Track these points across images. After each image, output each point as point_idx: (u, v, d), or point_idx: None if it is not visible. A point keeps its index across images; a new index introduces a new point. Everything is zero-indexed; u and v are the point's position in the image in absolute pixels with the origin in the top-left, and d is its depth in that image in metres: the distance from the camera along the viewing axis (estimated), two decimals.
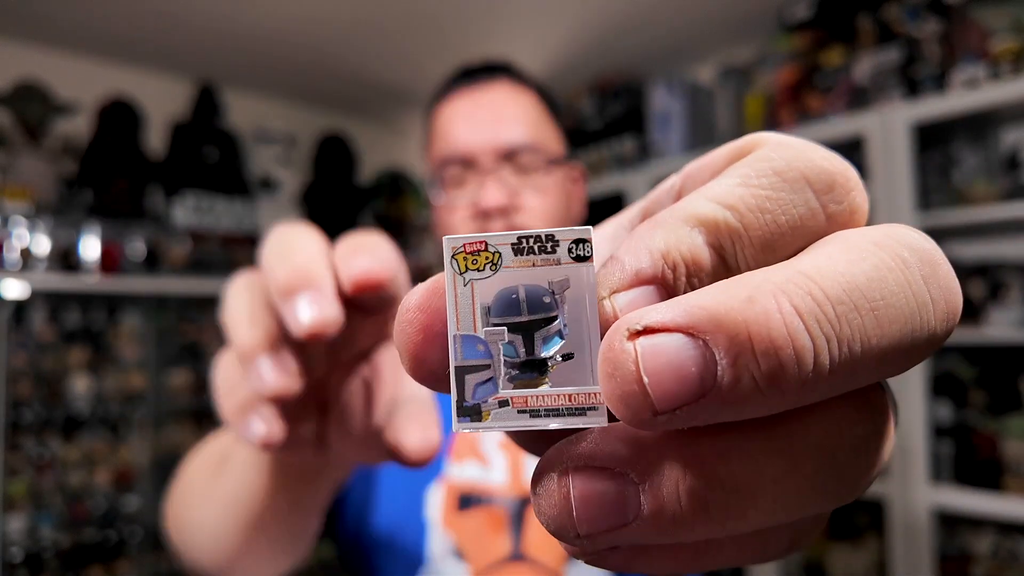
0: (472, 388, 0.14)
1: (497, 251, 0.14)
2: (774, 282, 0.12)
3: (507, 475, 0.62)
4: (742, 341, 0.11)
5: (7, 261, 1.96)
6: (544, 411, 0.14)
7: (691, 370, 0.12)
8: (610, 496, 0.13)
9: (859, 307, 0.12)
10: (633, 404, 0.12)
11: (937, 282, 0.13)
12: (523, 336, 0.14)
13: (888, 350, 0.12)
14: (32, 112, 2.18)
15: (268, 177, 2.75)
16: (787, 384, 0.12)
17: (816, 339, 0.12)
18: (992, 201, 1.50)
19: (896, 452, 1.51)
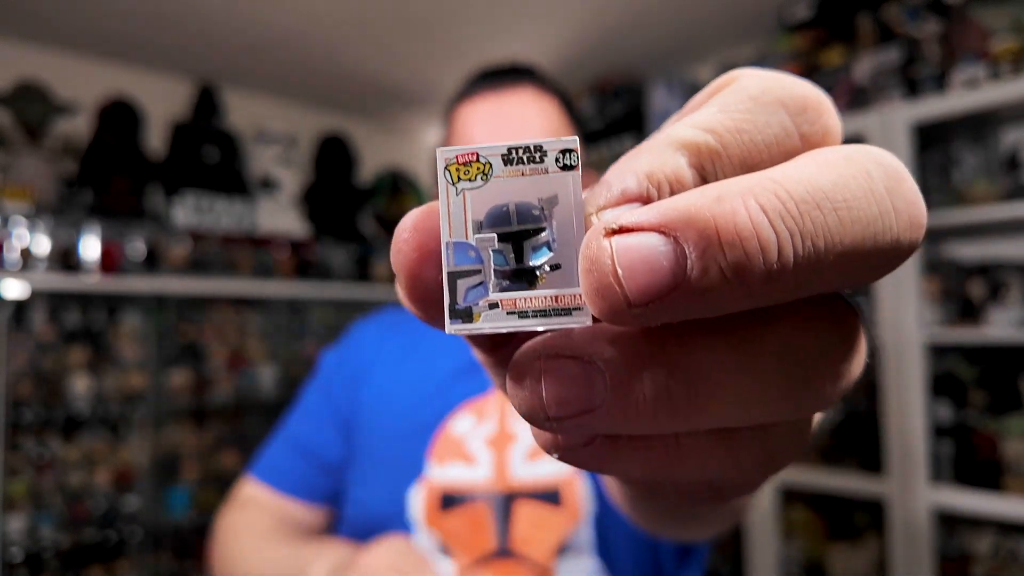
0: (464, 292, 0.15)
1: (488, 161, 0.15)
2: (743, 185, 0.13)
3: (491, 471, 0.62)
4: (710, 235, 0.12)
5: (7, 261, 1.96)
6: (532, 312, 0.15)
7: (662, 263, 0.12)
8: (577, 380, 0.14)
9: (822, 206, 0.13)
10: (609, 297, 0.13)
11: (901, 194, 0.14)
12: (512, 244, 0.15)
13: (851, 250, 0.13)
14: (32, 112, 2.18)
15: (268, 177, 2.75)
16: (753, 276, 0.12)
17: (780, 232, 0.12)
18: (992, 201, 1.50)
19: (896, 452, 1.51)
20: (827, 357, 0.15)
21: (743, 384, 0.14)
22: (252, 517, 0.69)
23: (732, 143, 0.15)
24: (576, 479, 0.61)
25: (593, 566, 0.59)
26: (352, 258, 2.88)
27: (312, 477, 0.71)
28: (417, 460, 0.64)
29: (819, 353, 0.14)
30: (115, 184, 2.25)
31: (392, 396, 0.70)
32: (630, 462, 0.16)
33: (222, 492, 2.35)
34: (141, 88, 2.43)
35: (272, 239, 2.63)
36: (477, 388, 0.67)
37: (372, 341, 0.78)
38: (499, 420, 0.64)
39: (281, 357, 2.58)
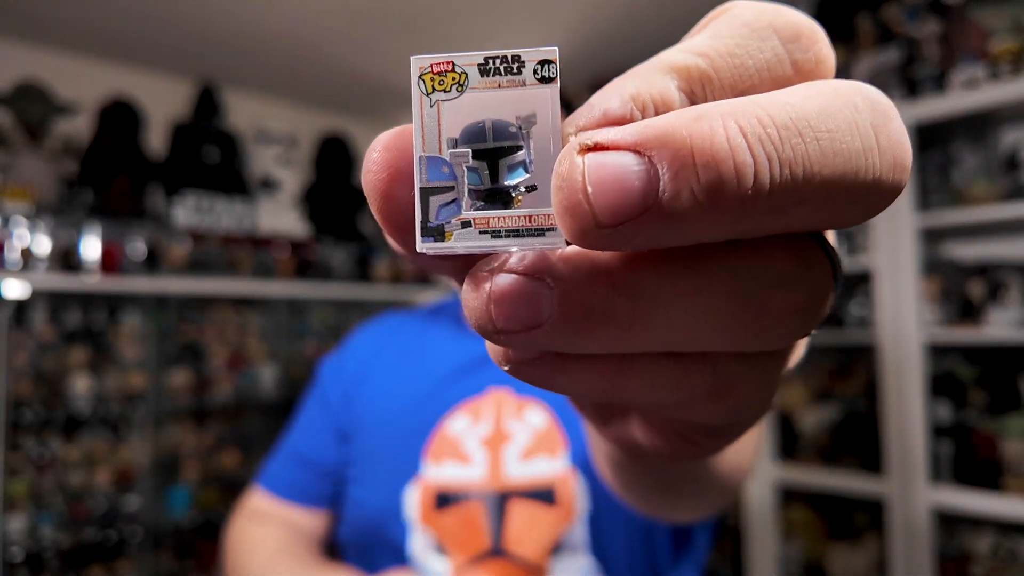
0: (436, 209, 0.14)
1: (464, 71, 0.14)
2: (724, 107, 0.12)
3: (486, 470, 0.62)
4: (684, 155, 0.12)
5: (7, 261, 1.96)
6: (505, 231, 0.14)
7: (634, 183, 0.12)
8: (524, 294, 0.14)
9: (803, 133, 0.12)
10: (578, 215, 0.12)
11: (887, 132, 0.13)
12: (488, 162, 0.14)
13: (831, 183, 0.12)
14: (32, 112, 2.19)
15: (268, 177, 2.75)
16: (726, 200, 0.12)
17: (757, 156, 0.12)
18: (992, 201, 1.50)
19: (896, 452, 1.51)
20: (784, 287, 0.14)
21: (690, 306, 0.13)
22: (263, 534, 0.70)
23: (723, 67, 0.15)
24: (571, 478, 0.61)
25: (588, 565, 0.59)
26: (352, 258, 2.88)
27: (313, 484, 0.72)
28: (413, 460, 0.65)
29: (775, 281, 0.14)
30: (115, 184, 2.25)
31: (389, 397, 0.71)
32: (577, 379, 0.15)
33: (222, 492, 2.35)
34: (141, 88, 2.43)
35: (272, 239, 2.63)
36: (473, 389, 0.67)
37: (369, 347, 0.78)
38: (494, 420, 0.65)
39: (281, 357, 2.58)
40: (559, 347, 0.14)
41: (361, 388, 0.73)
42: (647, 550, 0.60)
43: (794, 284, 0.14)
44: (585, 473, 0.61)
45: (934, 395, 1.53)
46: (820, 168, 0.12)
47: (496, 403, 0.66)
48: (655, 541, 0.60)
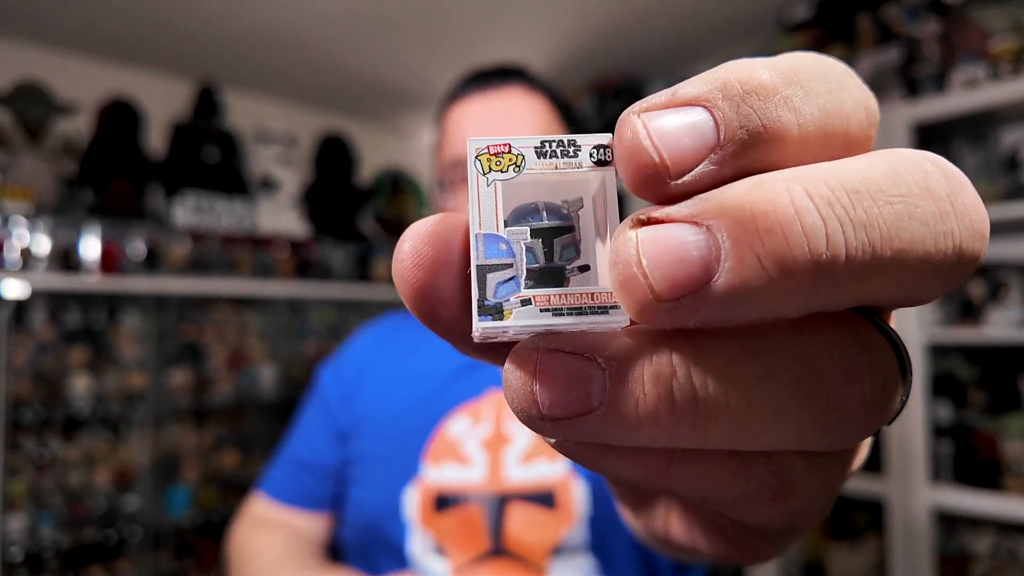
0: (494, 286, 0.14)
1: (520, 153, 0.14)
2: (787, 172, 0.12)
3: (485, 473, 0.62)
4: (745, 221, 0.11)
5: (7, 261, 1.96)
6: (567, 309, 0.14)
7: (692, 254, 0.11)
8: (574, 377, 0.13)
9: (875, 197, 0.11)
10: (634, 289, 0.12)
11: (961, 198, 0.13)
12: (543, 241, 0.14)
13: (910, 250, 0.12)
14: (32, 112, 2.18)
15: (268, 177, 2.75)
16: (797, 267, 0.11)
17: (827, 219, 0.11)
18: (992, 201, 1.50)
19: (896, 452, 1.51)
20: (853, 378, 0.13)
21: (755, 399, 0.12)
22: (266, 540, 0.70)
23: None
24: (571, 482, 0.61)
25: (589, 566, 0.59)
26: (352, 258, 2.88)
27: (314, 487, 0.73)
28: (412, 461, 0.65)
29: (844, 373, 0.13)
30: (115, 184, 2.25)
31: (389, 398, 0.71)
32: (627, 463, 0.14)
33: (222, 492, 2.35)
34: (141, 88, 2.43)
35: (272, 239, 2.63)
36: (473, 390, 0.67)
37: (368, 348, 0.78)
38: (494, 422, 0.64)
39: (281, 357, 2.58)
40: (609, 438, 0.13)
41: (360, 389, 0.73)
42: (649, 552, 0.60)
43: (862, 375, 0.13)
44: (586, 476, 0.61)
45: (934, 395, 1.53)
46: (898, 232, 0.11)
47: (496, 405, 0.66)
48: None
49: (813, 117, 0.13)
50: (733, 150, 0.12)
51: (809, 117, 0.13)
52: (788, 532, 0.20)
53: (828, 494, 0.17)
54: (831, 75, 0.14)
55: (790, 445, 0.13)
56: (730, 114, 0.12)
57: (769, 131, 0.12)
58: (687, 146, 0.12)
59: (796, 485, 0.15)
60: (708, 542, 0.22)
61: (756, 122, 0.12)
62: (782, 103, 0.12)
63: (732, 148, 0.12)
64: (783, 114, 0.12)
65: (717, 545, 0.22)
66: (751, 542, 0.21)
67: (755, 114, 0.12)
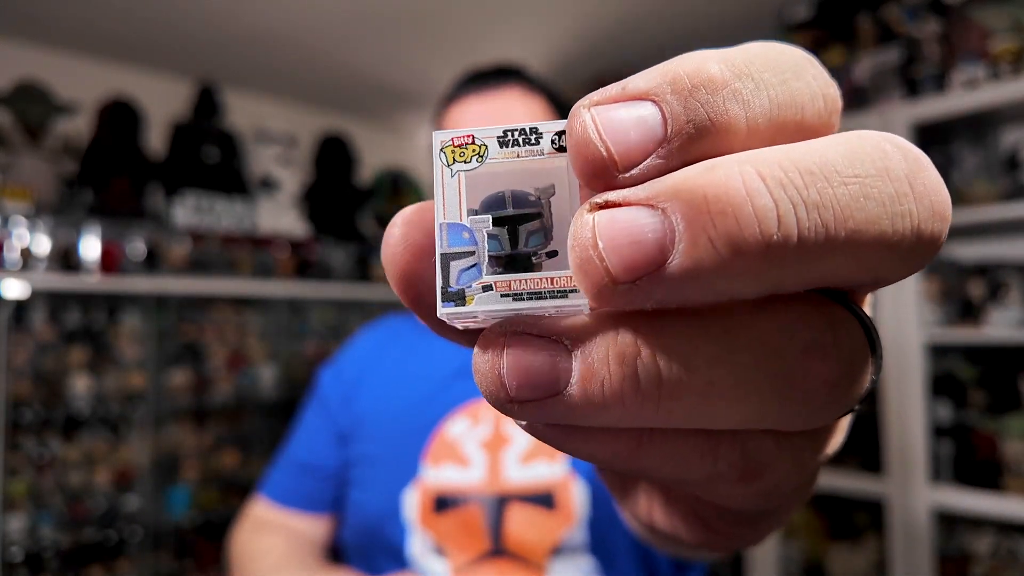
0: (456, 273, 0.14)
1: (484, 144, 0.15)
2: (742, 155, 0.12)
3: (484, 474, 0.62)
4: (698, 204, 0.11)
5: (7, 261, 1.96)
6: (527, 294, 0.14)
7: (647, 235, 0.12)
8: (541, 360, 0.13)
9: (829, 178, 0.12)
10: (591, 272, 0.12)
11: (921, 179, 0.13)
12: (508, 229, 0.14)
13: (865, 231, 0.12)
14: (32, 112, 2.18)
15: (268, 177, 2.75)
16: (748, 248, 0.11)
17: (779, 201, 0.11)
18: (992, 201, 1.50)
19: (896, 452, 1.51)
20: (817, 356, 0.13)
21: (717, 378, 0.13)
22: (267, 543, 0.70)
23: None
24: (571, 482, 0.61)
25: (589, 566, 0.59)
26: (352, 258, 2.88)
27: (315, 490, 0.73)
28: (412, 462, 0.65)
29: (806, 350, 0.13)
30: (115, 184, 2.25)
31: (389, 399, 0.71)
32: (596, 445, 0.14)
33: (222, 492, 2.35)
34: (141, 88, 2.43)
35: (272, 239, 2.63)
36: (473, 391, 0.67)
37: (368, 350, 0.79)
38: (494, 423, 0.64)
39: (281, 357, 2.58)
40: (576, 419, 0.13)
41: (360, 391, 0.73)
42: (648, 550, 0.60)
43: (825, 353, 0.13)
44: (585, 477, 0.61)
45: (934, 395, 1.53)
46: (852, 213, 0.12)
47: None
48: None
49: (763, 109, 0.13)
50: (680, 144, 0.12)
51: (758, 109, 0.13)
52: (765, 516, 0.20)
53: (802, 476, 0.16)
54: (786, 64, 0.14)
55: (756, 423, 0.14)
56: (677, 108, 0.12)
57: (716, 124, 0.12)
58: (634, 140, 0.12)
59: (765, 465, 0.15)
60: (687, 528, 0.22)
61: (703, 116, 0.12)
62: (730, 96, 0.12)
63: (679, 142, 0.12)
64: (731, 107, 0.12)
65: (696, 531, 0.22)
66: (729, 527, 0.21)
67: (702, 108, 0.12)
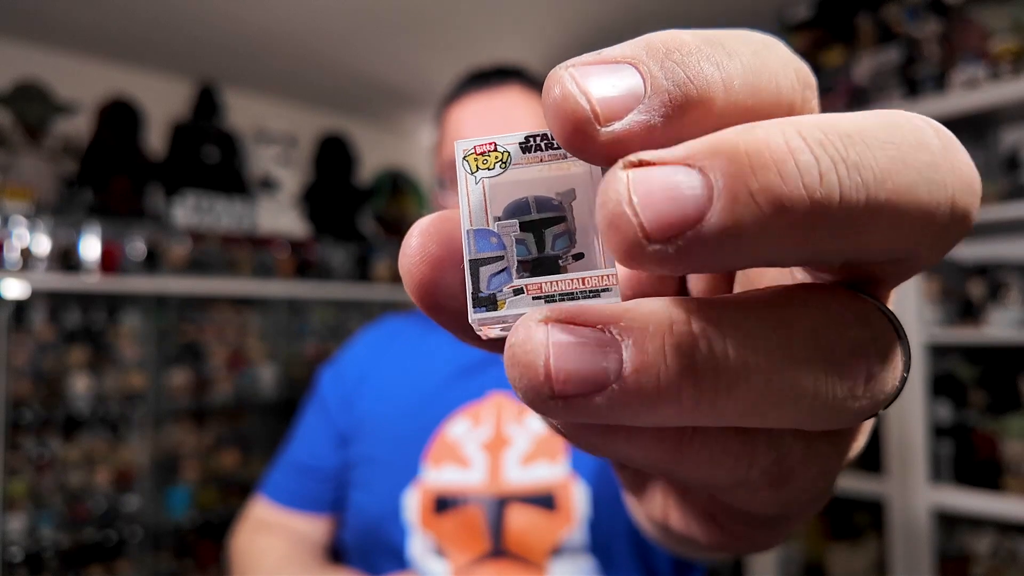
0: (487, 279, 0.14)
1: (506, 150, 0.15)
2: (780, 119, 0.12)
3: (485, 475, 0.62)
4: (739, 159, 0.11)
5: (7, 261, 1.96)
6: (559, 296, 0.14)
7: (685, 192, 0.11)
8: (591, 348, 0.12)
9: (868, 143, 0.11)
10: (623, 227, 0.11)
11: (954, 153, 0.12)
12: (534, 233, 0.14)
13: (905, 195, 0.11)
14: (32, 112, 2.18)
15: (268, 177, 2.75)
16: (792, 203, 0.11)
17: (820, 158, 0.11)
18: (992, 201, 1.50)
19: (896, 452, 1.51)
20: (860, 355, 0.13)
21: (776, 372, 0.12)
22: (268, 544, 0.70)
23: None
24: (571, 484, 0.61)
25: (589, 567, 0.59)
26: (352, 258, 2.88)
27: (315, 490, 0.73)
28: (413, 463, 0.65)
29: (852, 349, 0.13)
30: (115, 184, 2.25)
31: (389, 400, 0.71)
32: (637, 447, 0.14)
33: (222, 492, 2.35)
34: (141, 88, 2.43)
35: (272, 239, 2.63)
36: (474, 393, 0.67)
37: (368, 351, 0.79)
38: (495, 424, 0.64)
39: (281, 357, 2.58)
40: (623, 417, 0.12)
41: (360, 392, 0.73)
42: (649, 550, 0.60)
43: (867, 350, 0.13)
44: (586, 479, 0.61)
45: (934, 395, 1.53)
46: (891, 175, 0.11)
47: (496, 407, 0.66)
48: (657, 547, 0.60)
49: (737, 72, 0.13)
50: (660, 100, 0.12)
51: (733, 71, 0.13)
52: (782, 521, 0.20)
53: (824, 482, 0.16)
54: (755, 40, 0.14)
55: (798, 422, 0.13)
56: (654, 68, 0.12)
57: (695, 82, 0.12)
58: (615, 95, 0.12)
59: (793, 469, 0.15)
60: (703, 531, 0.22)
61: (680, 74, 0.12)
62: (704, 58, 0.13)
63: (659, 99, 0.12)
64: (705, 67, 0.12)
65: (712, 534, 0.22)
66: (746, 531, 0.21)
67: (678, 67, 0.12)
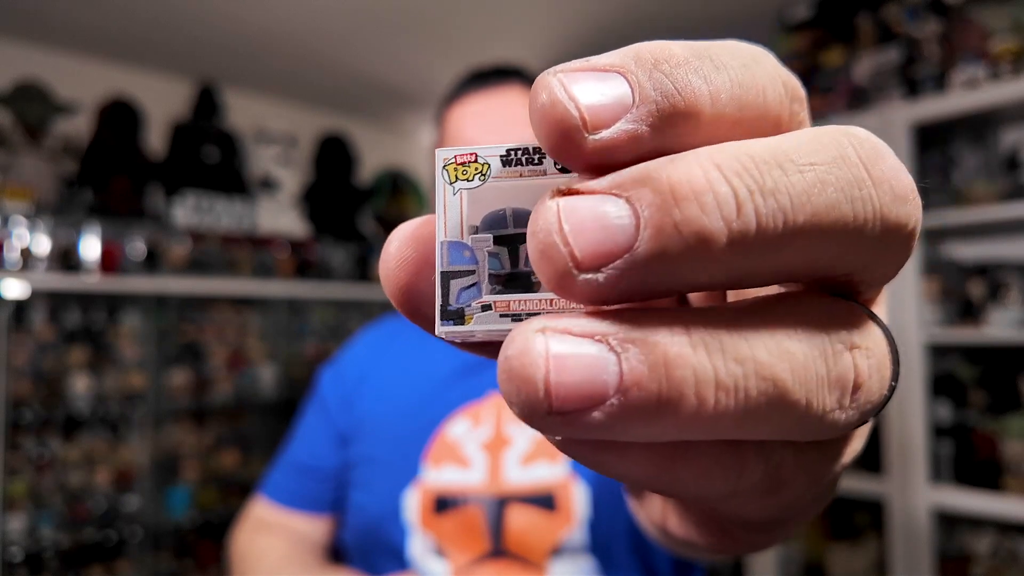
0: (456, 292, 0.14)
1: (486, 162, 0.15)
2: (700, 150, 0.12)
3: (485, 475, 0.62)
4: (663, 191, 0.11)
5: (7, 261, 1.96)
6: (526, 315, 0.14)
7: (613, 221, 0.11)
8: (591, 361, 0.12)
9: (784, 166, 0.12)
10: (554, 257, 0.12)
11: (879, 165, 0.13)
12: (508, 248, 0.14)
13: (826, 215, 0.12)
14: (32, 112, 2.18)
15: (268, 177, 2.75)
16: (713, 235, 0.11)
17: (737, 189, 0.11)
18: (992, 201, 1.50)
19: (896, 452, 1.51)
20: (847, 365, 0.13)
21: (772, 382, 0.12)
22: (268, 544, 0.70)
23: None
24: (571, 484, 0.61)
25: (589, 567, 0.59)
26: (352, 258, 2.88)
27: (315, 490, 0.73)
28: (413, 463, 0.65)
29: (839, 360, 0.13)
30: (115, 184, 2.25)
31: (389, 401, 0.71)
32: (631, 462, 0.13)
33: (222, 492, 2.35)
34: (141, 88, 2.43)
35: (272, 239, 2.63)
36: (474, 392, 0.67)
37: (368, 351, 0.79)
38: (495, 424, 0.64)
39: (281, 357, 2.58)
40: (620, 432, 0.12)
41: (360, 392, 0.73)
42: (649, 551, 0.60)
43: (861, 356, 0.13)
44: (586, 479, 0.61)
45: (934, 395, 1.53)
46: (809, 198, 0.12)
47: (496, 407, 0.66)
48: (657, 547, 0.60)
49: (724, 85, 0.13)
50: (647, 110, 0.12)
51: (720, 85, 0.13)
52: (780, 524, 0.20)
53: (819, 488, 0.16)
54: (744, 53, 0.14)
55: (786, 433, 0.13)
56: (643, 78, 0.12)
57: (682, 93, 0.13)
58: (604, 103, 0.12)
59: (785, 480, 0.15)
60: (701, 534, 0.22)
61: (668, 86, 0.12)
62: (692, 70, 0.13)
63: (647, 108, 0.12)
64: (693, 79, 0.13)
65: (710, 537, 0.22)
66: (744, 534, 0.21)
67: (666, 79, 0.12)
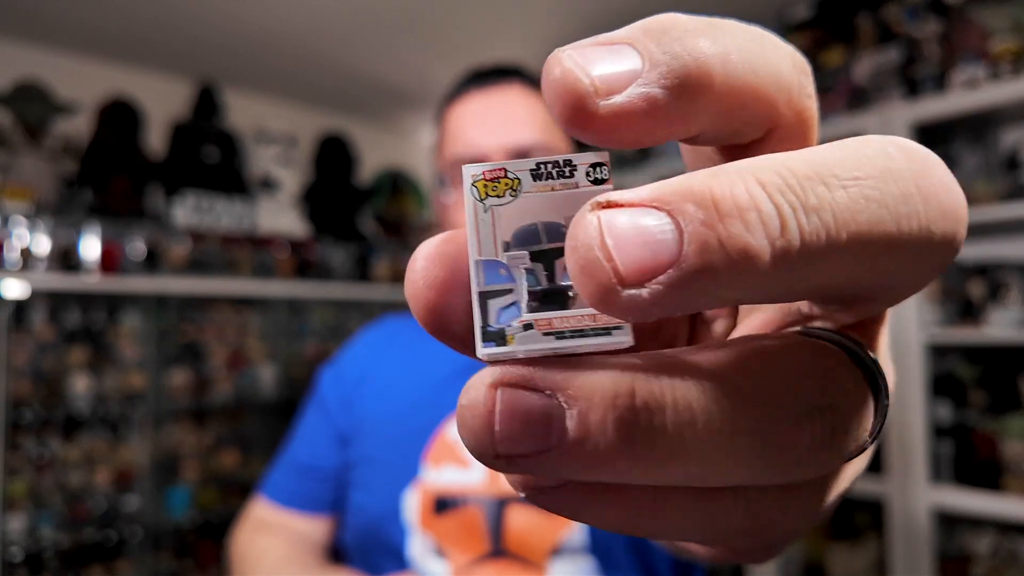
0: (496, 312, 0.14)
1: (517, 177, 0.14)
2: (741, 163, 0.12)
3: (485, 475, 0.62)
4: (707, 206, 0.11)
5: (7, 261, 1.96)
6: (569, 332, 0.14)
7: (656, 236, 0.11)
8: (535, 415, 0.12)
9: (827, 182, 0.12)
10: (597, 273, 0.11)
11: (928, 179, 0.12)
12: (544, 264, 0.14)
13: (869, 232, 0.12)
14: (32, 112, 2.18)
15: (268, 177, 2.75)
16: (757, 252, 0.11)
17: (780, 206, 0.11)
18: (992, 201, 1.50)
19: (896, 452, 1.51)
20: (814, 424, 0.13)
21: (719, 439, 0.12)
22: (268, 544, 0.70)
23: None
24: None
25: (588, 566, 0.59)
26: (352, 258, 2.88)
27: (315, 490, 0.73)
28: (413, 463, 0.65)
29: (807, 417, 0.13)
30: (115, 184, 2.25)
31: (389, 401, 0.71)
32: (604, 511, 0.14)
33: (222, 492, 2.35)
34: (141, 88, 2.43)
35: (272, 239, 2.63)
36: None
37: (368, 351, 0.79)
38: None
39: (281, 357, 2.58)
40: (565, 474, 0.13)
41: (360, 392, 0.73)
42: (648, 551, 0.60)
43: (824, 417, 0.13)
44: None
45: (934, 395, 1.53)
46: (853, 215, 0.12)
47: None
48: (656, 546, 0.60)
49: (735, 48, 0.13)
50: (659, 72, 0.12)
51: (730, 46, 0.13)
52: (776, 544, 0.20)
53: (810, 521, 0.16)
54: (751, 28, 0.14)
55: (752, 480, 0.13)
56: (652, 46, 0.13)
57: (692, 54, 0.13)
58: (615, 69, 0.12)
59: (769, 520, 0.15)
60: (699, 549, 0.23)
61: (677, 48, 0.13)
62: (700, 35, 0.13)
63: (657, 71, 0.12)
64: (702, 41, 0.13)
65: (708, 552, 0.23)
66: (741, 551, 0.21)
67: (675, 43, 0.13)
